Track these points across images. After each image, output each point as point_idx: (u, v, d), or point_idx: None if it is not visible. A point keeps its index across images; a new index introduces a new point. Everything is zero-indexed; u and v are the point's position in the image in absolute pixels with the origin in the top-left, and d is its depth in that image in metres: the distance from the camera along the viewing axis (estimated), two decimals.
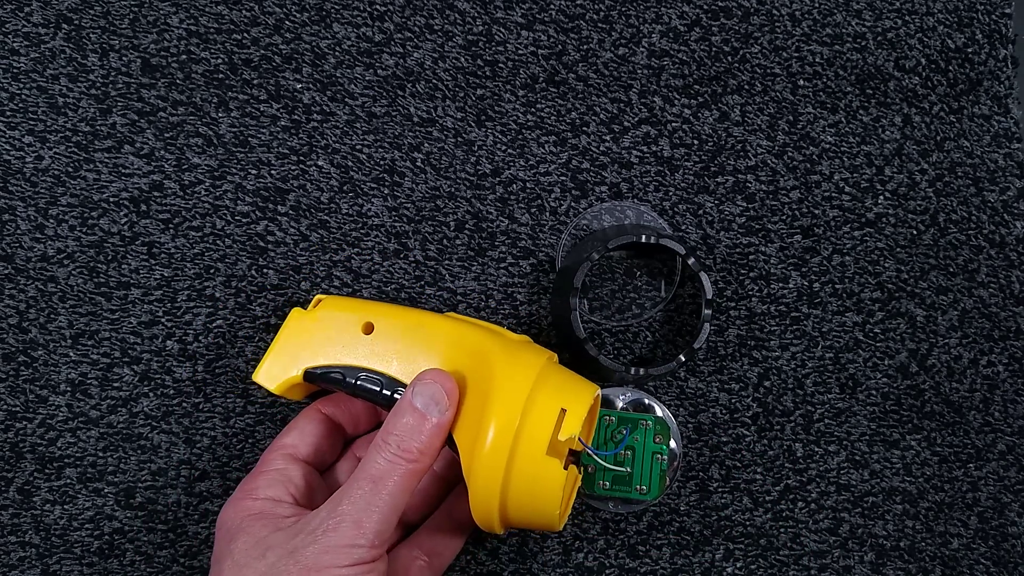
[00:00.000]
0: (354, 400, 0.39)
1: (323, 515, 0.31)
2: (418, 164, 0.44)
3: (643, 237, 0.39)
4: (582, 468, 0.38)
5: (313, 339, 0.38)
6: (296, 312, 0.38)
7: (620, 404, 0.41)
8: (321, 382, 0.37)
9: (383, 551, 0.32)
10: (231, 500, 0.35)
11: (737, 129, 0.45)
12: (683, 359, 0.40)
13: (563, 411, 0.34)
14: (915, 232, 0.45)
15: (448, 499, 0.40)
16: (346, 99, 0.44)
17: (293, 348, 0.38)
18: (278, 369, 0.37)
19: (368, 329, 0.37)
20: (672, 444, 0.40)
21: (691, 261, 0.39)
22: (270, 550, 0.31)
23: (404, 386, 0.36)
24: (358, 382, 0.36)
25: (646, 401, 0.41)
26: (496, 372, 0.34)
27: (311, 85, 0.44)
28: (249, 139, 0.43)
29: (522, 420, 0.33)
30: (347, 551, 0.30)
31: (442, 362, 0.36)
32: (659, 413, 0.40)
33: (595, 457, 0.37)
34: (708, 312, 0.40)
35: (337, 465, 0.39)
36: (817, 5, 0.45)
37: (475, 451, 0.33)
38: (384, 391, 0.36)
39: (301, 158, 0.44)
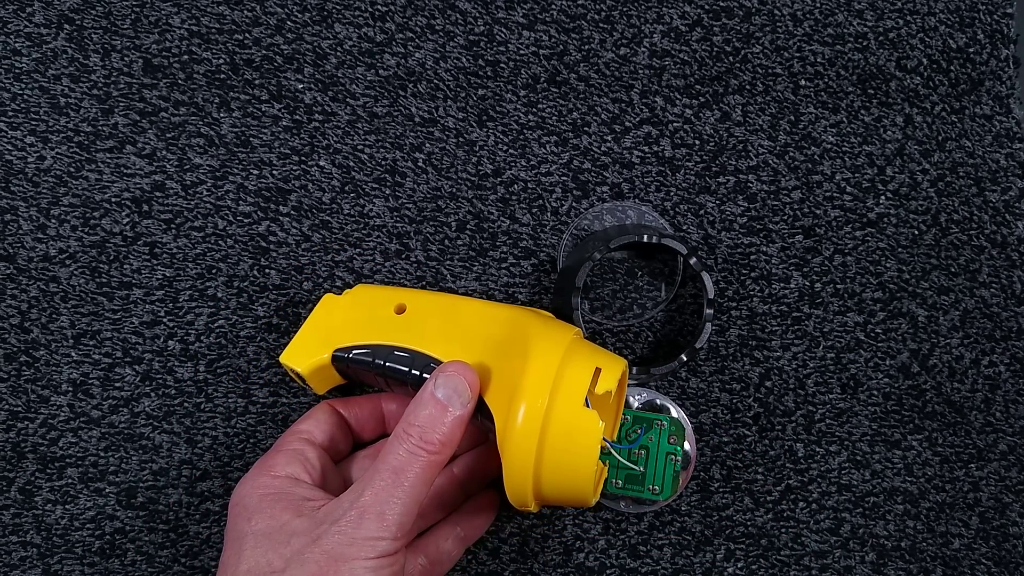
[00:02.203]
0: (363, 406, 0.40)
1: (345, 505, 0.31)
2: (419, 164, 0.44)
3: (645, 237, 0.39)
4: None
5: (344, 320, 0.37)
6: (328, 297, 0.39)
7: (635, 404, 0.41)
8: (349, 364, 0.37)
9: (404, 543, 0.32)
10: (248, 477, 0.35)
11: (738, 129, 0.45)
12: (685, 358, 0.40)
13: (598, 369, 0.34)
14: (917, 232, 0.45)
15: (459, 511, 0.40)
16: (348, 99, 0.44)
17: (322, 330, 0.37)
18: (306, 350, 0.37)
19: (400, 309, 0.37)
20: (687, 446, 0.40)
21: (693, 261, 0.39)
22: (295, 536, 0.31)
23: (437, 362, 0.35)
24: (387, 363, 0.36)
25: (659, 402, 0.41)
26: (531, 335, 0.34)
27: (313, 85, 0.44)
28: (251, 139, 0.44)
29: (559, 373, 0.33)
30: (372, 543, 0.30)
31: (476, 336, 0.36)
32: (674, 414, 0.40)
33: (611, 449, 0.37)
34: (710, 312, 0.40)
35: (342, 464, 0.40)
36: (819, 5, 0.45)
37: (511, 410, 0.33)
38: (413, 371, 0.35)
39: (303, 158, 0.44)
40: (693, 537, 0.43)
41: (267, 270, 0.43)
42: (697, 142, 0.45)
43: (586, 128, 0.44)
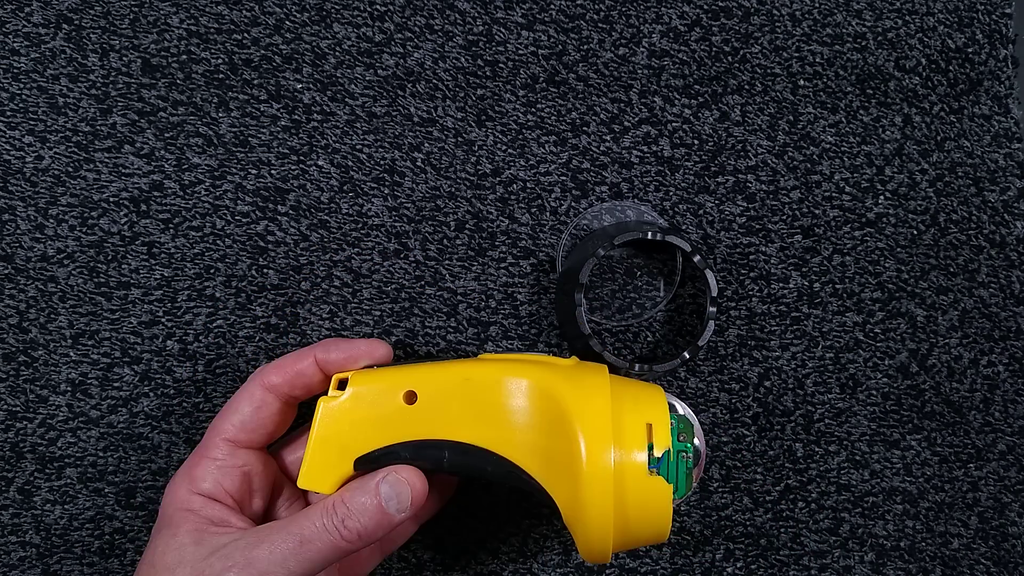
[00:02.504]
0: (302, 360, 0.36)
1: (241, 545, 0.31)
2: (418, 164, 0.44)
3: (650, 233, 0.39)
4: None
5: (353, 425, 0.34)
6: (323, 402, 0.34)
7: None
8: (379, 465, 0.34)
9: None
10: (179, 477, 0.35)
11: (737, 129, 0.45)
12: (688, 356, 0.40)
13: (649, 425, 0.33)
14: (915, 232, 0.45)
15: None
16: (346, 99, 0.44)
17: (334, 440, 0.34)
18: (325, 468, 0.34)
19: (410, 399, 0.34)
20: (696, 442, 0.39)
21: (697, 259, 0.39)
22: (181, 567, 0.31)
23: (470, 446, 0.33)
24: (418, 459, 0.34)
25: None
26: (570, 407, 0.33)
27: (311, 85, 0.44)
28: (249, 139, 0.43)
29: (618, 451, 0.32)
30: None
31: (504, 412, 0.33)
32: (680, 411, 0.40)
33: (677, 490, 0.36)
34: (713, 310, 0.40)
35: (288, 446, 0.39)
36: (817, 5, 0.45)
37: (578, 496, 0.32)
38: (448, 460, 0.33)
39: (301, 158, 0.44)
40: (692, 537, 0.43)
41: (265, 270, 0.43)
42: (696, 142, 0.45)
43: (585, 128, 0.44)
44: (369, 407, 0.34)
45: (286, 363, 0.36)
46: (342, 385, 0.35)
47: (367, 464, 0.34)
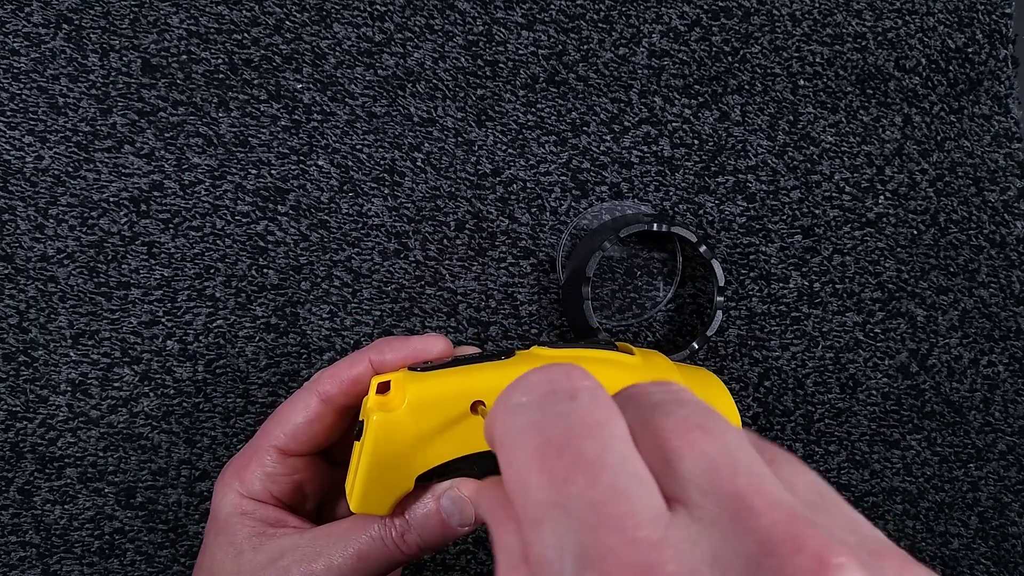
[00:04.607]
0: (357, 365, 0.34)
1: (298, 557, 0.31)
2: (418, 164, 0.44)
3: (655, 225, 0.39)
4: None
5: (413, 440, 0.30)
6: (373, 415, 0.30)
7: None
8: (441, 478, 0.32)
9: None
10: (229, 476, 0.34)
11: (737, 129, 0.45)
12: (696, 346, 0.40)
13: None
14: (915, 232, 0.45)
15: None
16: (346, 99, 0.44)
17: (390, 458, 0.30)
18: (382, 490, 0.31)
19: (478, 407, 0.31)
20: None
21: (703, 249, 0.39)
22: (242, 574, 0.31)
23: None
24: (489, 470, 0.31)
25: None
26: None
27: (311, 85, 0.44)
28: (249, 139, 0.43)
29: None
30: None
31: None
32: None
33: None
34: (720, 299, 0.40)
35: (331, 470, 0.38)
36: (817, 5, 0.45)
37: None
38: None
39: (301, 158, 0.44)
40: None
41: (265, 270, 0.43)
42: (696, 142, 0.45)
43: (585, 128, 0.44)
44: (431, 419, 0.31)
45: (340, 370, 0.34)
46: (382, 388, 0.32)
47: (428, 479, 0.31)
